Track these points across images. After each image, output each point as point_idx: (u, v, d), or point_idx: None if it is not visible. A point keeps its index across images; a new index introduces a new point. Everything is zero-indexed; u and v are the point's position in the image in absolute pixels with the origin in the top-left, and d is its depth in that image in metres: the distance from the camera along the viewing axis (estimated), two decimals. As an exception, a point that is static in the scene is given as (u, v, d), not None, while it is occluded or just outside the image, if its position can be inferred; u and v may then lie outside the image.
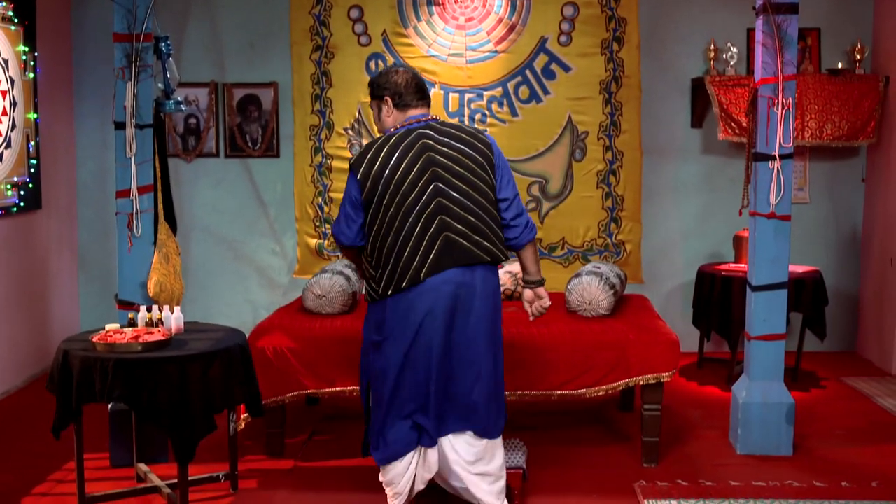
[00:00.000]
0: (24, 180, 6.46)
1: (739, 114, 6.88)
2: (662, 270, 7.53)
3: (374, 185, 3.93)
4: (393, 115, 4.07)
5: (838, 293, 7.49)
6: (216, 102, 7.36)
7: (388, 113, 4.06)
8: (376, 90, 4.09)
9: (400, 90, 4.05)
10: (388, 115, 4.06)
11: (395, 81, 4.05)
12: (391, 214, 3.92)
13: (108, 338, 4.19)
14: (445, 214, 3.92)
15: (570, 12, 7.26)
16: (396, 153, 3.95)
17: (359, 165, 3.97)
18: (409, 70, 4.17)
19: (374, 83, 4.10)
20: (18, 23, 6.37)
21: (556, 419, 5.79)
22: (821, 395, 6.44)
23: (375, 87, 4.09)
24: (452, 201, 3.94)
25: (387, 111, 4.06)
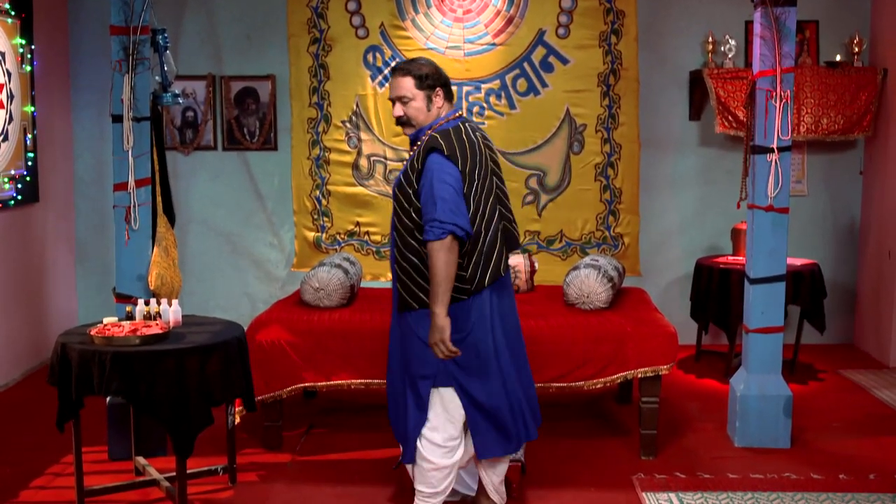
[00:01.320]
0: (22, 173, 6.45)
1: (737, 107, 6.87)
2: (660, 263, 7.54)
3: (470, 178, 3.93)
4: (444, 106, 4.05)
5: (836, 286, 7.49)
6: (214, 95, 7.34)
7: (439, 104, 4.02)
8: (430, 80, 3.99)
9: (447, 81, 4.08)
10: (440, 105, 4.02)
11: (443, 73, 4.07)
12: (480, 209, 3.97)
13: (106, 331, 4.19)
14: (501, 206, 4.17)
15: (569, 4, 7.24)
16: (475, 146, 4.00)
17: (457, 157, 3.89)
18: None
19: (427, 75, 3.98)
20: (15, 15, 6.35)
21: (554, 412, 5.79)
22: (818, 387, 6.45)
23: (428, 78, 3.98)
24: (502, 194, 4.21)
25: (438, 102, 4.01)
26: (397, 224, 3.97)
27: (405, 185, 3.94)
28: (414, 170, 3.91)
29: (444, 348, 3.81)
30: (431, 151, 3.87)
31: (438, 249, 3.77)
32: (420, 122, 4.01)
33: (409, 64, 4.04)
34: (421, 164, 3.89)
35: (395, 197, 4.00)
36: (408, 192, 3.92)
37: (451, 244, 3.79)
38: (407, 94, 3.98)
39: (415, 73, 3.99)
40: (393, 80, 4.03)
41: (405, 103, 3.99)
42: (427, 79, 3.97)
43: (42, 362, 6.77)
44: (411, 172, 3.93)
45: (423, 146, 3.91)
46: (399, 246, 3.96)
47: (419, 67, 4.00)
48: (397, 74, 4.02)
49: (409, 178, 3.93)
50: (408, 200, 3.92)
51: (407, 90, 3.98)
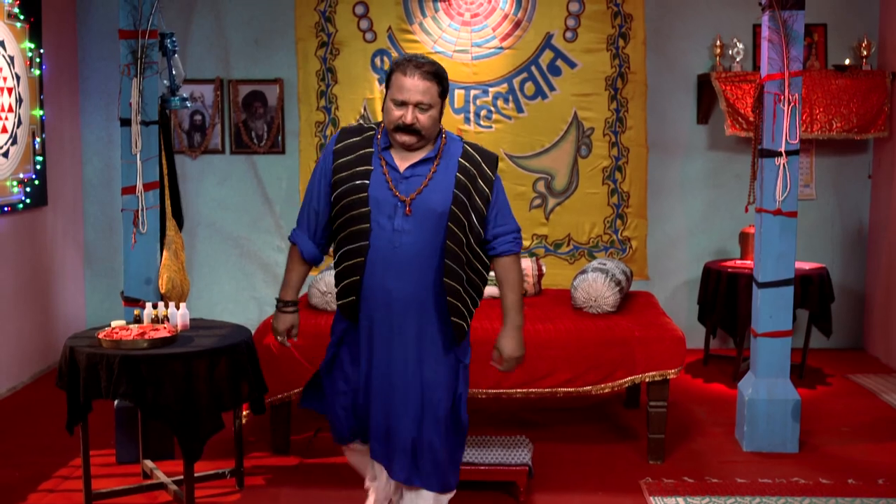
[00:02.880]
0: (30, 177, 6.47)
1: (746, 109, 6.86)
2: (668, 267, 7.52)
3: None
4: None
5: (845, 290, 7.47)
6: (221, 99, 7.35)
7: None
8: (447, 88, 3.57)
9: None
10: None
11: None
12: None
13: (114, 334, 4.19)
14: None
15: (576, 8, 7.24)
16: None
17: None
18: None
19: (448, 82, 3.56)
20: (24, 20, 6.37)
21: (561, 416, 5.79)
22: (827, 391, 6.43)
23: (447, 85, 3.56)
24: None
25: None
26: (453, 246, 3.50)
27: (477, 200, 3.56)
28: (488, 182, 3.57)
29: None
30: (498, 162, 3.64)
31: (518, 260, 3.69)
32: (430, 135, 3.53)
33: (433, 66, 3.49)
34: (494, 175, 3.60)
35: (453, 215, 3.50)
36: (479, 207, 3.56)
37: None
38: (429, 102, 3.47)
39: (443, 77, 3.52)
40: (411, 81, 3.44)
41: (424, 111, 3.47)
42: (446, 85, 3.55)
43: (50, 365, 6.78)
44: (486, 186, 3.57)
45: (488, 156, 3.61)
46: (453, 269, 3.51)
47: (444, 72, 3.53)
48: (422, 76, 3.46)
49: (482, 191, 3.56)
50: (467, 215, 3.53)
51: (431, 97, 3.47)
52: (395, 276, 3.50)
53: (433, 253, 3.50)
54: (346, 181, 3.52)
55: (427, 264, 3.51)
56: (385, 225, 3.48)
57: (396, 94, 3.46)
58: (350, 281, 3.55)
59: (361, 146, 3.57)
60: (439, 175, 3.52)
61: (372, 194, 3.48)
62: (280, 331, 3.78)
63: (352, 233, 3.52)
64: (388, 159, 3.52)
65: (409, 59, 3.47)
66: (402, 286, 3.51)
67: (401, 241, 3.48)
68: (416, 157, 3.54)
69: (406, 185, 3.49)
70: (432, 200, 3.49)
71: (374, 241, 3.49)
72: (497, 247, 3.64)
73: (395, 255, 3.48)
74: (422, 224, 3.48)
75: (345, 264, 3.55)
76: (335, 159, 3.57)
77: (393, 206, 3.48)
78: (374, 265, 3.50)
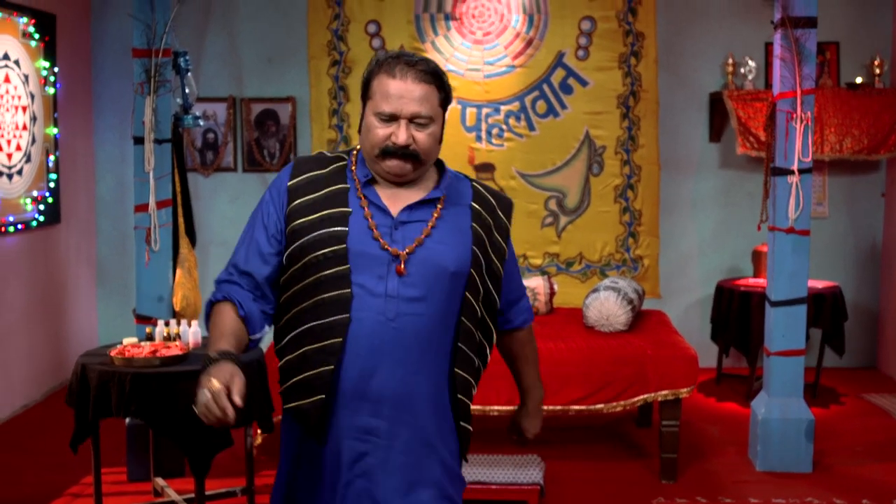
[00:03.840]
0: (44, 195, 6.50)
1: (758, 128, 6.85)
2: (680, 285, 7.50)
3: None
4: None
5: (858, 308, 7.44)
6: (234, 117, 7.38)
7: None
8: (449, 97, 2.53)
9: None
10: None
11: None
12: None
13: (126, 352, 4.20)
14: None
15: (588, 27, 7.26)
16: None
17: None
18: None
19: (450, 89, 2.51)
20: (39, 38, 6.42)
21: (573, 435, 5.76)
22: (841, 411, 6.39)
23: (449, 93, 2.52)
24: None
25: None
26: (468, 324, 2.52)
27: (494, 259, 2.57)
28: (504, 234, 2.62)
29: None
30: (513, 208, 2.69)
31: (532, 329, 2.86)
32: (430, 159, 2.49)
33: (430, 63, 2.46)
34: (508, 225, 2.65)
35: (471, 282, 2.50)
36: (495, 268, 2.58)
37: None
38: (429, 113, 2.43)
39: (443, 79, 2.48)
40: (402, 85, 2.40)
41: (422, 126, 2.43)
42: (449, 93, 2.51)
43: (62, 382, 6.80)
44: (502, 239, 2.60)
45: (503, 201, 2.64)
46: (468, 356, 2.53)
47: (443, 72, 2.50)
48: (417, 78, 2.42)
49: (499, 247, 2.59)
50: (483, 281, 2.55)
51: (431, 107, 2.44)
52: (388, 366, 2.41)
53: (444, 330, 2.47)
54: (310, 229, 2.43)
55: (436, 347, 2.46)
56: (374, 289, 2.40)
57: (382, 104, 2.41)
58: (316, 373, 2.40)
59: (330, 181, 2.50)
60: (447, 223, 2.50)
61: (353, 247, 2.41)
62: (215, 389, 2.19)
63: (322, 303, 2.41)
64: (373, 198, 2.46)
65: (397, 55, 2.44)
66: (397, 381, 2.42)
67: (397, 313, 2.40)
68: (414, 197, 2.49)
69: (401, 233, 2.44)
70: (440, 255, 2.45)
71: (358, 312, 2.39)
72: (513, 319, 2.75)
73: (388, 334, 2.40)
74: (428, 288, 2.43)
75: (306, 349, 2.42)
76: (291, 200, 2.48)
77: (384, 262, 2.41)
78: (357, 349, 2.39)
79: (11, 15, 6.10)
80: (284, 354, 2.51)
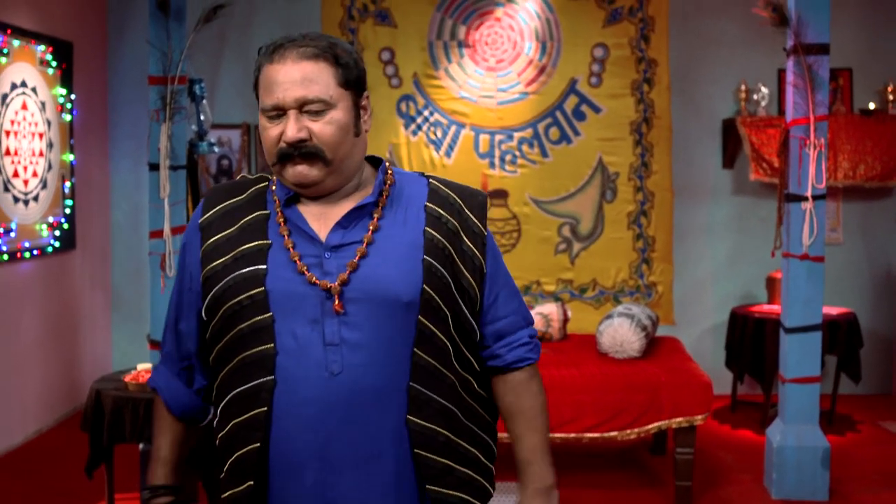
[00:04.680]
0: (60, 221, 6.54)
1: (771, 154, 6.85)
2: (694, 312, 7.48)
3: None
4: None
5: (873, 335, 7.40)
6: (248, 144, 7.42)
7: (368, 126, 2.05)
8: (360, 75, 1.98)
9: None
10: (368, 128, 2.06)
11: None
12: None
13: (140, 378, 4.21)
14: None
15: (601, 54, 7.28)
16: None
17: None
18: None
19: (356, 63, 1.97)
20: (56, 66, 6.48)
21: (587, 462, 5.74)
22: (857, 438, 6.35)
23: (357, 70, 1.96)
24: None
25: (368, 121, 2.04)
26: (429, 360, 1.92)
27: (465, 272, 1.99)
28: (477, 240, 2.02)
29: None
30: (487, 206, 2.09)
31: (537, 375, 2.12)
32: (345, 160, 1.96)
33: (321, 40, 1.93)
34: (484, 228, 2.05)
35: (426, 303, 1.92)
36: (468, 284, 1.99)
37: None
38: (322, 96, 1.90)
39: (340, 54, 1.94)
40: (283, 69, 1.89)
41: (318, 115, 1.91)
42: (356, 69, 1.96)
43: (76, 408, 6.80)
44: (474, 246, 2.01)
45: (472, 197, 2.07)
46: (433, 402, 1.93)
47: (343, 47, 1.96)
48: (300, 57, 1.90)
49: (470, 256, 2.00)
50: (450, 302, 1.96)
51: (325, 87, 1.91)
52: (339, 439, 1.87)
53: (401, 375, 1.90)
54: (224, 273, 1.94)
55: (392, 397, 1.90)
56: (308, 339, 1.88)
57: (265, 97, 1.93)
58: (244, 453, 1.92)
59: (247, 210, 2.01)
60: (389, 236, 1.95)
61: (274, 287, 1.90)
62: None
63: (244, 363, 1.91)
64: (297, 220, 1.96)
65: (282, 40, 1.94)
66: (356, 458, 1.89)
67: (342, 365, 1.87)
68: (343, 208, 1.97)
69: (334, 262, 1.91)
70: (384, 279, 1.91)
71: (287, 372, 1.87)
72: (502, 354, 2.06)
73: (331, 394, 1.86)
74: (377, 326, 1.89)
75: (233, 423, 1.94)
76: (204, 240, 1.99)
77: (316, 302, 1.89)
78: (287, 420, 1.87)
79: (29, 43, 6.16)
80: (218, 430, 1.99)
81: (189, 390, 2.09)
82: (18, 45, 6.04)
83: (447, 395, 1.94)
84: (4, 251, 5.86)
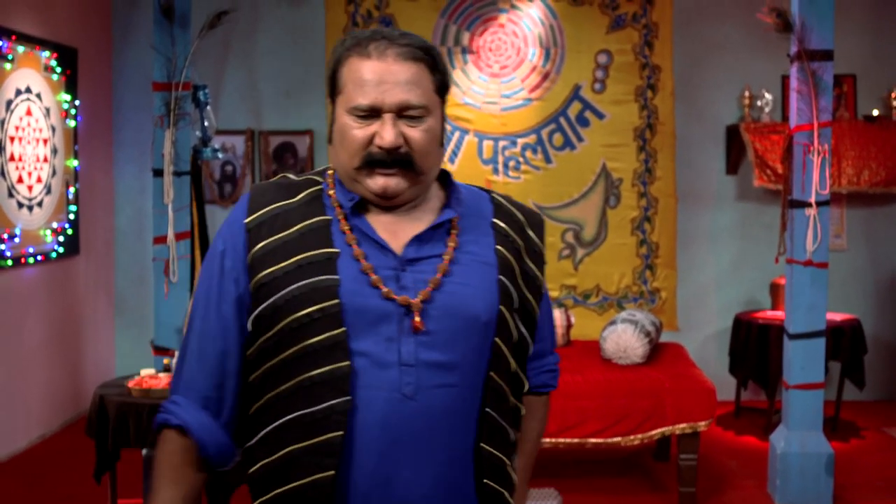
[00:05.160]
0: (64, 226, 6.55)
1: (775, 160, 6.85)
2: (698, 318, 7.47)
3: None
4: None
5: (878, 341, 7.39)
6: (252, 150, 7.43)
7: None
8: (447, 80, 1.84)
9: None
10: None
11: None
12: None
13: (144, 383, 4.21)
14: None
15: (604, 60, 7.29)
16: None
17: None
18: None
19: (446, 69, 1.83)
20: (61, 72, 6.50)
21: (590, 468, 5.73)
22: (861, 445, 6.34)
23: (446, 75, 1.83)
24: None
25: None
26: (499, 382, 1.82)
27: (526, 292, 1.89)
28: (537, 259, 1.93)
29: None
30: (544, 225, 2.00)
31: (549, 403, 2.12)
32: (430, 169, 1.82)
33: (416, 38, 1.80)
34: (543, 250, 1.96)
35: (502, 324, 1.81)
36: (529, 304, 1.90)
37: None
38: (422, 101, 1.76)
39: (437, 56, 1.81)
40: (383, 67, 1.76)
41: (416, 121, 1.77)
42: (446, 76, 1.84)
43: (79, 413, 6.81)
44: (535, 265, 1.92)
45: (532, 216, 1.96)
46: (498, 426, 1.82)
47: (437, 50, 1.83)
48: (401, 56, 1.76)
49: (532, 277, 1.91)
50: (515, 321, 1.87)
51: (424, 93, 1.77)
52: (412, 464, 1.73)
53: (474, 399, 1.79)
54: (285, 282, 1.75)
55: (464, 422, 1.78)
56: (383, 357, 1.72)
57: (356, 95, 1.79)
58: (309, 482, 1.71)
59: (303, 213, 1.82)
60: (468, 253, 1.82)
61: (348, 301, 1.73)
62: None
63: (310, 383, 1.73)
64: (366, 230, 1.80)
65: (373, 33, 1.80)
66: (427, 483, 1.74)
67: (418, 386, 1.72)
68: (420, 224, 1.82)
69: (411, 277, 1.77)
70: (467, 300, 1.78)
71: (365, 392, 1.71)
72: (531, 377, 2.01)
73: (402, 418, 1.72)
74: (457, 347, 1.76)
75: (292, 448, 1.73)
76: (252, 243, 1.79)
77: (393, 319, 1.74)
78: (367, 445, 1.72)
79: (34, 49, 6.17)
80: (258, 457, 1.79)
81: (219, 424, 1.82)
82: (23, 52, 6.05)
83: (510, 420, 1.86)
84: (9, 257, 5.87)
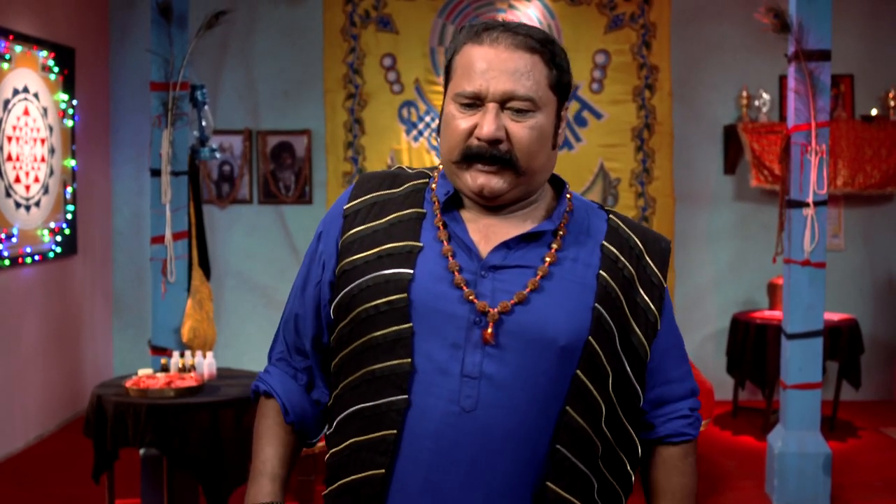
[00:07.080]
0: (61, 226, 6.55)
1: (772, 161, 6.85)
2: (696, 318, 7.48)
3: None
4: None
5: (875, 341, 7.39)
6: (250, 150, 7.43)
7: (560, 140, 1.76)
8: (569, 79, 1.73)
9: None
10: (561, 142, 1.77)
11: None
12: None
13: (141, 383, 4.21)
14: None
15: (602, 60, 7.29)
16: None
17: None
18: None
19: (568, 66, 1.72)
20: (58, 72, 6.49)
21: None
22: (858, 444, 6.34)
23: (568, 74, 1.73)
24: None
25: (561, 135, 1.76)
26: (579, 420, 1.66)
27: (636, 329, 1.74)
28: (655, 295, 1.77)
29: None
30: (669, 255, 1.83)
31: (694, 453, 1.88)
32: (536, 174, 1.70)
33: (537, 31, 1.68)
34: (663, 282, 1.79)
35: (588, 356, 1.66)
36: (639, 343, 1.74)
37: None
38: (532, 94, 1.65)
39: (557, 53, 1.70)
40: (494, 54, 1.65)
41: (522, 115, 1.65)
42: (567, 74, 1.72)
43: (77, 413, 6.80)
44: (652, 302, 1.76)
45: (655, 243, 1.81)
46: (574, 468, 1.68)
47: (560, 48, 1.71)
48: (514, 46, 1.65)
49: (647, 313, 1.75)
50: (614, 358, 1.70)
51: (536, 85, 1.66)
52: (461, 483, 1.64)
53: (542, 430, 1.66)
54: (363, 271, 1.70)
55: (527, 453, 1.66)
56: (444, 364, 1.64)
57: (462, 81, 1.67)
58: (363, 478, 1.69)
59: (400, 204, 1.76)
60: (565, 272, 1.70)
61: (419, 297, 1.66)
62: None
63: (372, 376, 1.68)
64: (456, 229, 1.71)
65: (492, 22, 1.69)
66: (469, 499, 1.64)
67: (478, 402, 1.63)
68: (516, 229, 1.71)
69: (490, 283, 1.67)
70: (549, 321, 1.66)
71: (422, 396, 1.64)
72: (656, 424, 1.82)
73: (458, 432, 1.63)
74: (525, 368, 1.64)
75: (352, 441, 1.71)
76: (345, 230, 1.76)
77: (463, 324, 1.65)
78: (417, 449, 1.64)
79: (31, 48, 6.17)
80: (330, 445, 1.77)
81: (308, 396, 1.83)
82: (20, 51, 6.05)
83: (590, 464, 1.69)
84: (6, 257, 5.87)
